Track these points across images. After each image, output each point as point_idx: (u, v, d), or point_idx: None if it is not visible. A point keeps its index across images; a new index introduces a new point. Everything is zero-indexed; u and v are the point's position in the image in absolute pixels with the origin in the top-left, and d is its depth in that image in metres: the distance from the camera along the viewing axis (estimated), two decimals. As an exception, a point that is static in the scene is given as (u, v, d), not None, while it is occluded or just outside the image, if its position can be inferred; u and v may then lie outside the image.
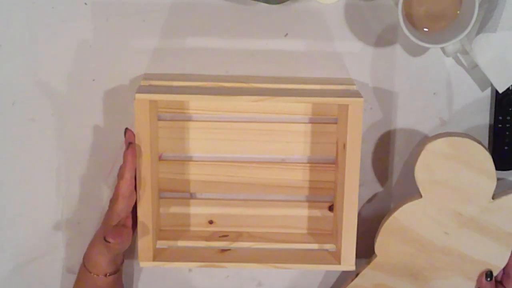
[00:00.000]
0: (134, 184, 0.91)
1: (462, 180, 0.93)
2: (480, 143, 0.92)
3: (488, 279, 0.96)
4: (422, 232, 0.95)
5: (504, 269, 0.97)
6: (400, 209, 0.94)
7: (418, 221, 0.95)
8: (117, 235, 0.89)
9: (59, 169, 0.99)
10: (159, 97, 0.90)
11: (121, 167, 0.91)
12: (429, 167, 0.92)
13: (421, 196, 0.94)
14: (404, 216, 0.94)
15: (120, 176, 0.90)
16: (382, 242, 0.96)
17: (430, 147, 0.92)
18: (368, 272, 0.98)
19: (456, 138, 0.92)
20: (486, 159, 0.92)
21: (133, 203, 0.92)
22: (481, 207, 0.94)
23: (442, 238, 0.95)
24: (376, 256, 0.97)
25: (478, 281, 0.97)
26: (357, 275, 0.98)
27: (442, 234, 0.95)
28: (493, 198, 0.94)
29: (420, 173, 0.93)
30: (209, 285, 1.04)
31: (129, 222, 0.93)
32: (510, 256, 0.96)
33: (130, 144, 0.90)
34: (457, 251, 0.96)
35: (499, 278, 0.98)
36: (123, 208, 0.91)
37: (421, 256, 0.96)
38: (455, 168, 0.92)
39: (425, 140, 0.94)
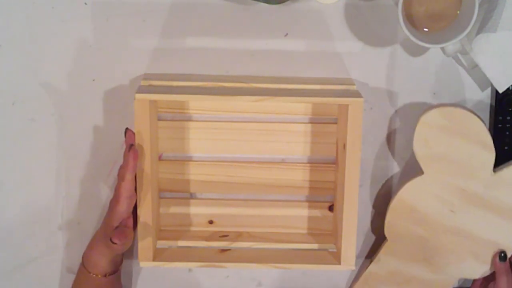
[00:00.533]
0: (134, 185, 0.91)
1: (459, 152, 0.93)
2: (475, 113, 0.92)
3: (502, 260, 0.94)
4: (428, 211, 0.95)
5: None
6: (404, 187, 0.94)
7: (423, 199, 0.95)
8: (122, 236, 0.90)
9: (59, 169, 0.99)
10: (159, 97, 0.90)
11: (121, 168, 0.91)
12: (426, 141, 0.92)
13: (423, 173, 0.94)
14: (409, 195, 0.94)
15: (121, 177, 0.90)
16: (391, 224, 0.96)
17: (424, 119, 0.92)
18: (381, 258, 0.98)
19: (448, 108, 0.92)
20: (481, 130, 0.92)
21: (133, 204, 0.92)
22: (483, 181, 0.93)
23: (448, 217, 0.95)
24: (387, 240, 0.97)
25: (493, 263, 0.95)
26: (371, 262, 0.98)
27: (448, 213, 0.95)
28: (494, 171, 0.94)
29: (418, 148, 0.92)
30: (209, 285, 1.04)
31: (130, 223, 0.93)
32: None
33: (132, 146, 0.90)
34: (466, 231, 0.95)
35: None
36: (125, 209, 0.91)
37: (431, 238, 0.96)
38: (450, 140, 0.92)
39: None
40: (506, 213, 0.94)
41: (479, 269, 0.97)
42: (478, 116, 0.92)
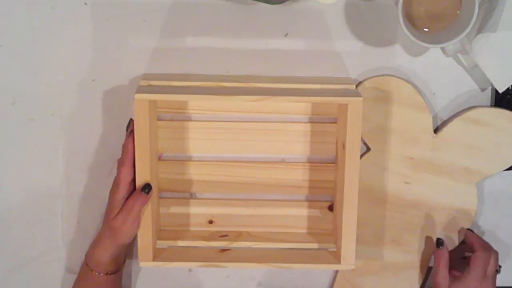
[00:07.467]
0: (134, 172, 0.91)
1: (398, 119, 0.94)
2: (403, 79, 0.94)
3: (440, 246, 0.95)
4: (384, 188, 0.96)
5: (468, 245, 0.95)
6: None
7: (376, 176, 0.96)
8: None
9: (59, 169, 0.99)
10: (158, 97, 0.90)
11: (122, 154, 0.91)
12: (365, 115, 0.93)
13: (369, 149, 0.95)
14: (361, 174, 0.94)
15: (121, 162, 0.91)
16: None
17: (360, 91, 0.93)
18: None
19: (377, 78, 0.94)
20: (412, 93, 0.94)
21: (130, 191, 0.92)
22: (427, 145, 0.95)
23: (405, 190, 0.96)
24: None
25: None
26: None
27: (404, 186, 0.96)
28: (435, 133, 0.95)
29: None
30: (209, 285, 1.04)
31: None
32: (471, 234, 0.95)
33: (132, 132, 0.90)
34: (425, 201, 0.96)
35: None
36: (124, 195, 0.91)
37: (395, 216, 0.97)
38: (387, 109, 0.94)
39: None
40: (455, 173, 0.95)
41: (450, 240, 0.97)
42: (405, 80, 0.94)
